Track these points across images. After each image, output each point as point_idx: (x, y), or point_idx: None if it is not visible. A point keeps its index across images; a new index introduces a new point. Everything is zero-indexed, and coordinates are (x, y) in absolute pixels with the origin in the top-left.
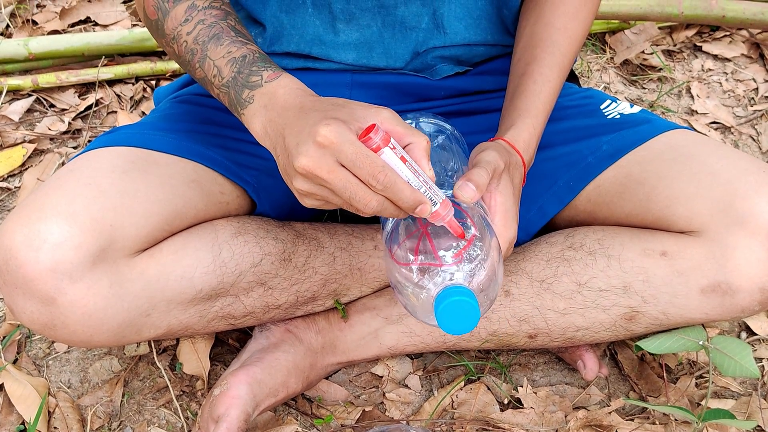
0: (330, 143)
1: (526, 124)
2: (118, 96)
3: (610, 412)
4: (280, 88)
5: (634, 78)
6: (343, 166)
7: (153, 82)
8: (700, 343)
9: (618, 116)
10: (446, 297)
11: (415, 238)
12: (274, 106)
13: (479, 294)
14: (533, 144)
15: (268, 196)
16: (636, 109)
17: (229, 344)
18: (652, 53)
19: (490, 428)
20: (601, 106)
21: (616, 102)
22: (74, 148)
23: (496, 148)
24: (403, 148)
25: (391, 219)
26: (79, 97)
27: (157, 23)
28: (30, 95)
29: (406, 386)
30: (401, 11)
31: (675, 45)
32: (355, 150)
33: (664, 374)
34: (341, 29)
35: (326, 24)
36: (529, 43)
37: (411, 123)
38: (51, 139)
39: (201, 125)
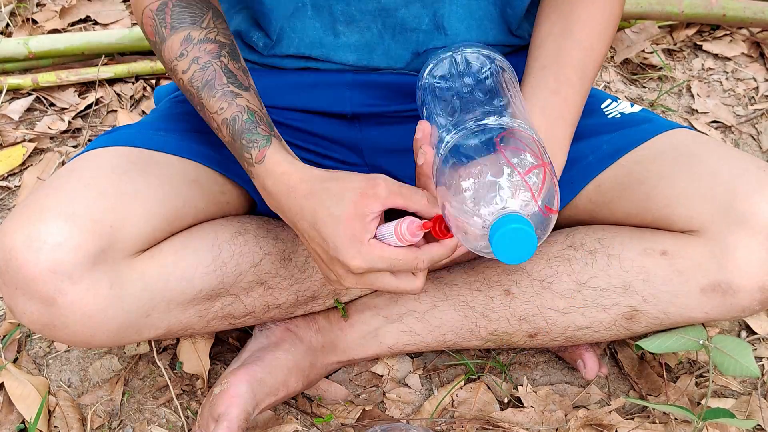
0: (365, 270)
1: (561, 159)
2: (118, 95)
3: (610, 412)
4: (269, 177)
5: (635, 77)
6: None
7: (153, 81)
8: (701, 342)
9: (618, 115)
10: (502, 225)
11: (470, 166)
12: (270, 194)
13: (537, 223)
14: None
15: None
16: (636, 108)
17: (229, 343)
18: (652, 52)
19: (490, 427)
20: (602, 106)
21: (616, 101)
22: (74, 147)
23: None
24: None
25: (439, 152)
26: (79, 96)
27: (156, 46)
28: (30, 94)
29: (407, 385)
30: (402, 13)
31: (675, 44)
32: (388, 262)
33: (664, 373)
34: (341, 31)
35: (326, 27)
36: (558, 59)
37: (456, 55)
38: (51, 138)
39: (201, 124)
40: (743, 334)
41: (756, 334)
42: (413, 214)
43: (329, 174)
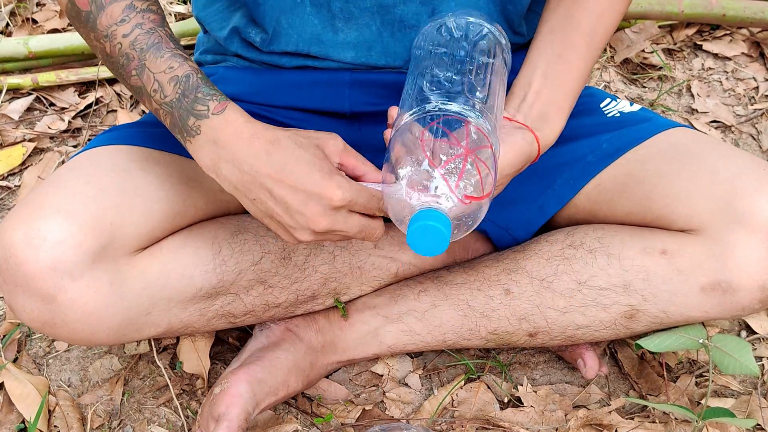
0: (347, 202)
1: (559, 125)
2: (118, 94)
3: (610, 412)
4: (228, 125)
5: (635, 77)
6: (351, 210)
7: None
8: (701, 341)
9: (618, 114)
10: (418, 220)
11: (404, 151)
12: (226, 145)
13: (457, 218)
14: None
15: None
16: (636, 107)
17: (229, 343)
18: (652, 52)
19: (491, 427)
20: (601, 105)
21: (615, 100)
22: (74, 146)
23: (517, 154)
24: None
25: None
26: (79, 95)
27: (89, 15)
28: (30, 94)
29: (407, 385)
30: (400, 10)
31: (675, 44)
32: (366, 196)
33: (664, 373)
34: (340, 28)
35: (325, 23)
36: (567, 24)
37: (447, 19)
38: (51, 138)
39: None
40: (743, 333)
41: (756, 333)
42: None
43: (287, 128)
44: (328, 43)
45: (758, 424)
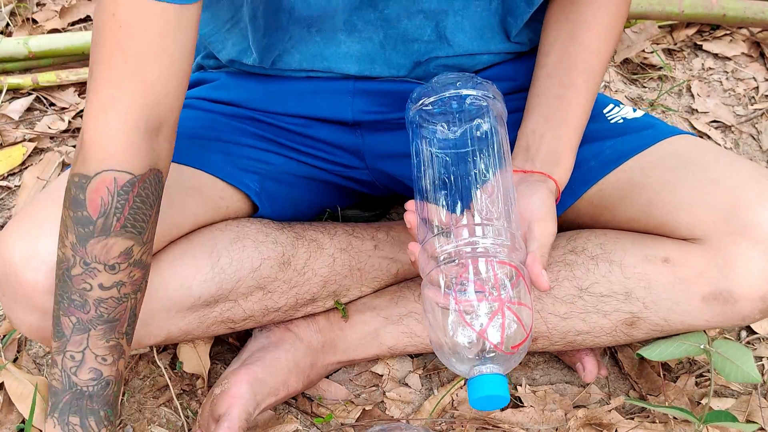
0: None
1: (570, 162)
2: None
3: (610, 410)
4: None
5: (635, 77)
6: None
7: None
8: (702, 347)
9: (621, 120)
10: (480, 387)
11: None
12: None
13: (512, 356)
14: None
15: (270, 201)
16: (639, 113)
17: (229, 343)
18: (652, 52)
19: (490, 427)
20: (604, 110)
21: (619, 106)
22: (74, 147)
23: (547, 206)
24: None
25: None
26: (79, 95)
27: (86, 222)
28: (30, 94)
29: (407, 385)
30: (404, 24)
31: (675, 44)
32: None
33: (663, 373)
34: (343, 41)
35: (327, 39)
36: (564, 64)
37: (450, 100)
38: (51, 138)
39: (201, 130)
40: (743, 333)
41: (756, 333)
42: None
43: None
44: (331, 58)
45: (760, 427)
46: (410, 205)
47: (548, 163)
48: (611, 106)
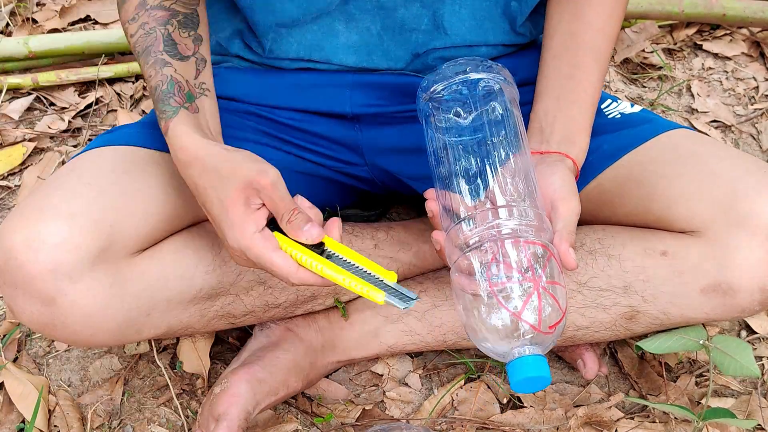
0: (240, 253)
1: (585, 141)
2: (118, 94)
3: (610, 407)
4: (171, 146)
5: (635, 76)
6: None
7: None
8: (701, 342)
9: (618, 116)
10: (521, 369)
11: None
12: (174, 160)
13: (549, 335)
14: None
15: None
16: (637, 108)
17: (229, 343)
18: (652, 52)
19: (490, 427)
20: (602, 106)
21: (616, 101)
22: (74, 146)
23: (569, 184)
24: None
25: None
26: (79, 95)
27: (119, 5)
28: (30, 94)
29: (407, 385)
30: (401, 13)
31: (675, 43)
32: (262, 266)
33: (664, 373)
34: (340, 31)
35: (324, 28)
36: (571, 44)
37: (448, 81)
38: (51, 138)
39: None
40: (743, 333)
41: (756, 333)
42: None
43: (225, 155)
44: (329, 48)
45: (759, 424)
46: (430, 193)
47: (564, 142)
48: (609, 101)
